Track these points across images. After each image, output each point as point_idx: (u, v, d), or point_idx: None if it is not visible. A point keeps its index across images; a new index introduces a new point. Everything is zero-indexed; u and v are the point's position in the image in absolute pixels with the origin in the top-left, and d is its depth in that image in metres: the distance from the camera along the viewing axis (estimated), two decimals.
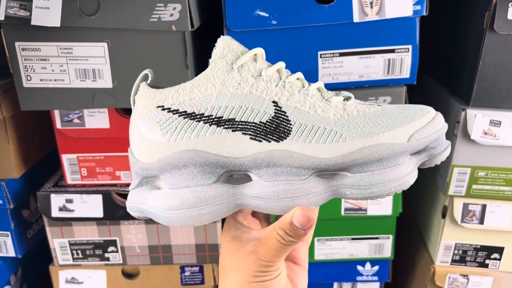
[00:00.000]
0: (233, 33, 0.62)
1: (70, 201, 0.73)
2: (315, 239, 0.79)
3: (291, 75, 0.35)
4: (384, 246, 0.80)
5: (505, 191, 0.71)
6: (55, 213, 0.73)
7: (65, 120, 0.68)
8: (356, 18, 0.61)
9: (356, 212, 0.76)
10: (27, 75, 0.61)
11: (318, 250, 0.81)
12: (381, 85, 0.66)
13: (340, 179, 0.34)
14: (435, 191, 0.79)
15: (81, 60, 0.60)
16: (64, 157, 0.72)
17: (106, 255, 0.78)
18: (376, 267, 0.83)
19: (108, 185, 0.74)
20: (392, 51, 0.64)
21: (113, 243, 0.77)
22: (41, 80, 0.61)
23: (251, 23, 0.61)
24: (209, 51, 0.35)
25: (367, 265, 0.83)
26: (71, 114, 0.68)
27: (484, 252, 0.76)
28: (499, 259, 0.76)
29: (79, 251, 0.78)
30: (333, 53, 0.64)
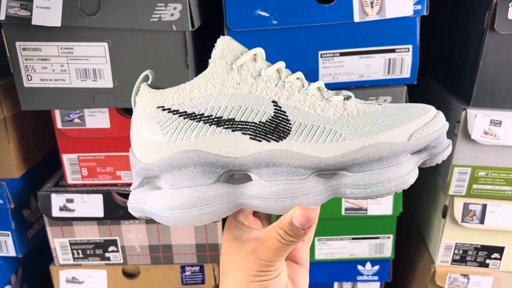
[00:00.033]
0: (234, 33, 0.62)
1: (71, 201, 0.73)
2: (316, 239, 0.79)
3: (291, 75, 0.35)
4: (385, 246, 0.80)
5: (506, 191, 0.71)
6: (56, 213, 0.73)
7: (66, 120, 0.68)
8: (357, 18, 0.61)
9: (357, 212, 0.76)
10: (28, 75, 0.61)
11: (319, 250, 0.81)
12: (382, 85, 0.66)
13: (340, 179, 0.34)
14: (436, 191, 0.79)
15: (82, 60, 0.60)
16: (65, 157, 0.73)
17: (107, 255, 0.78)
18: (377, 267, 0.83)
19: (109, 185, 0.74)
20: (393, 51, 0.64)
21: (114, 243, 0.77)
22: (42, 80, 0.61)
23: (252, 23, 0.61)
24: (210, 51, 0.35)
25: (368, 265, 0.83)
26: (72, 114, 0.68)
27: (485, 252, 0.76)
28: (500, 259, 0.76)
29: (80, 251, 0.78)
30: (334, 53, 0.64)
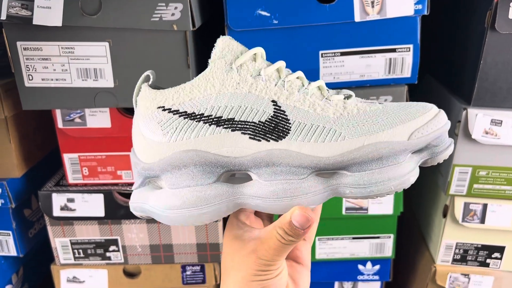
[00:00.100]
0: (234, 33, 0.62)
1: (72, 201, 0.73)
2: (316, 238, 0.79)
3: (291, 74, 0.35)
4: (385, 246, 0.80)
5: (506, 191, 0.70)
6: (57, 213, 0.73)
7: (67, 120, 0.68)
8: (357, 18, 0.61)
9: (357, 212, 0.76)
10: (29, 75, 0.61)
11: (319, 249, 0.81)
12: (382, 85, 0.66)
13: (339, 178, 0.34)
14: (436, 191, 0.79)
15: (83, 60, 0.60)
16: (66, 157, 0.73)
17: (108, 254, 0.79)
18: (377, 267, 0.83)
19: (110, 185, 0.74)
20: (393, 51, 0.64)
21: (115, 242, 0.78)
22: (43, 80, 0.61)
23: (252, 23, 0.61)
24: (210, 51, 0.35)
25: (368, 265, 0.83)
26: (73, 114, 0.68)
27: (485, 252, 0.76)
28: (500, 259, 0.76)
29: (81, 250, 0.78)
30: (334, 53, 0.64)
